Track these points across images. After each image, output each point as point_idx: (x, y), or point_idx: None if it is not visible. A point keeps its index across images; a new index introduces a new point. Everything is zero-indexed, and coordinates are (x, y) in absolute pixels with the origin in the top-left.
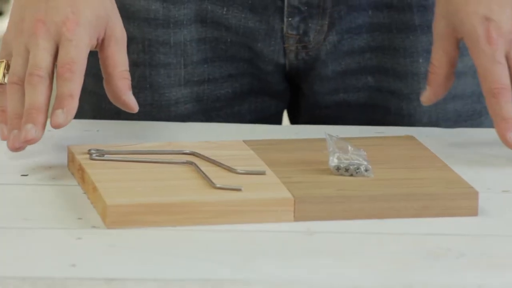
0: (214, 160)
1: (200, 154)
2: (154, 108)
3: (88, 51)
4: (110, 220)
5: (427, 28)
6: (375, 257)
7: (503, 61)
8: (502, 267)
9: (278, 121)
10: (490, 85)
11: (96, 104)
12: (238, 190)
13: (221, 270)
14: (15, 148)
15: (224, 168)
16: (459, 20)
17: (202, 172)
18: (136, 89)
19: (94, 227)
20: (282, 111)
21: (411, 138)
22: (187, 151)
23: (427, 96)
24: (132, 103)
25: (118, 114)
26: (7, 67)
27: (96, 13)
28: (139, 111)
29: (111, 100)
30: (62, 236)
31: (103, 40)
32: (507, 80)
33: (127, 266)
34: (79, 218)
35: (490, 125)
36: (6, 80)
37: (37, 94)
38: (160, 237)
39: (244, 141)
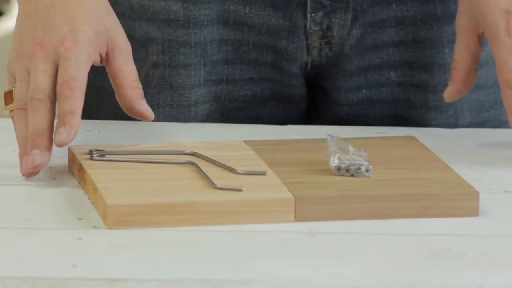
0: (215, 161)
1: (200, 154)
2: (173, 109)
3: (88, 68)
4: (110, 220)
5: (450, 18)
6: (376, 257)
7: None
8: (503, 268)
9: (299, 122)
10: (506, 76)
11: (116, 105)
12: (239, 190)
13: (222, 270)
14: (28, 174)
15: (225, 169)
16: (481, 14)
17: (203, 172)
18: (156, 90)
19: (95, 227)
20: (300, 118)
21: (411, 138)
22: (188, 151)
23: (450, 92)
24: (146, 112)
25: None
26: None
27: (95, 28)
28: (159, 111)
29: (126, 111)
30: (63, 236)
31: (107, 53)
32: None
33: (127, 266)
34: (80, 219)
35: None
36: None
37: (39, 118)
38: (161, 237)
39: (245, 141)
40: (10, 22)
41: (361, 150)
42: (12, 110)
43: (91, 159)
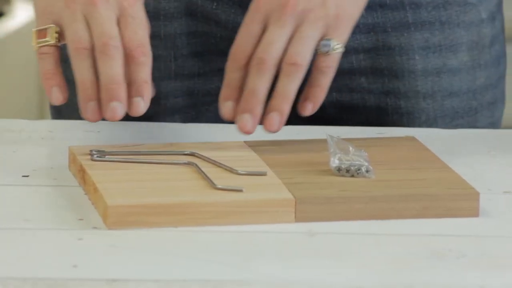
0: (215, 161)
1: (200, 154)
2: None
3: None
4: (111, 221)
5: (421, 25)
6: (376, 257)
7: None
8: (503, 268)
9: None
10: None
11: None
12: (239, 191)
13: (222, 270)
14: (95, 120)
15: (225, 169)
16: None
17: (203, 172)
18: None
19: (95, 227)
20: None
21: (412, 139)
22: (187, 152)
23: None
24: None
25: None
26: (58, 32)
27: None
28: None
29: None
30: (63, 236)
31: None
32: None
33: (128, 266)
34: (80, 219)
35: (485, 121)
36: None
37: (116, 67)
38: (161, 237)
39: (245, 141)
40: (10, 22)
41: (362, 150)
42: (43, 46)
43: (92, 159)
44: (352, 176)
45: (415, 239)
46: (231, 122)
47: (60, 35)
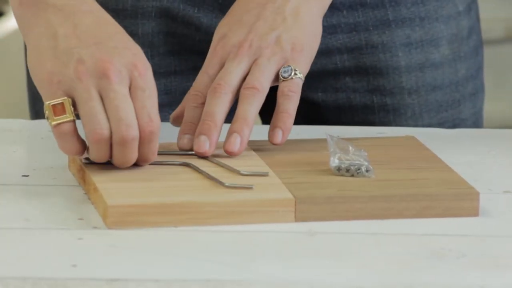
0: (219, 161)
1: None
2: None
3: None
4: (111, 221)
5: (401, 22)
6: (376, 257)
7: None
8: (503, 268)
9: None
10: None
11: None
12: (250, 188)
13: (222, 270)
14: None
15: (228, 169)
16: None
17: (206, 173)
18: None
19: (95, 227)
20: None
21: (412, 138)
22: (191, 153)
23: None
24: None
25: None
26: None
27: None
28: None
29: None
30: (63, 236)
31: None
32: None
33: (128, 266)
34: (80, 219)
35: (468, 112)
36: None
37: (133, 155)
38: (161, 237)
39: None
40: (10, 22)
41: (361, 150)
42: (62, 123)
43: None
44: (352, 175)
45: (415, 239)
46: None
47: (74, 107)
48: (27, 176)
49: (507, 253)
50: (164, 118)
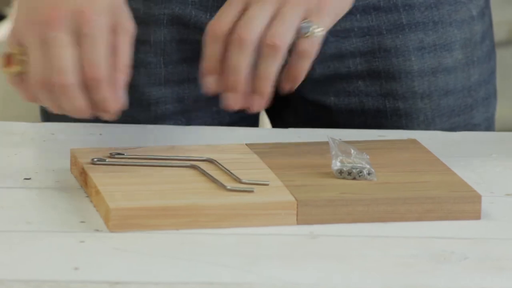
0: (224, 167)
1: (215, 160)
2: (133, 108)
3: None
4: (113, 223)
5: (415, 26)
6: (378, 260)
7: None
8: (506, 270)
9: (255, 120)
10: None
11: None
12: (250, 191)
13: (224, 273)
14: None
15: (229, 175)
16: None
17: (210, 175)
18: None
19: (97, 230)
20: (262, 112)
21: (414, 141)
22: (204, 158)
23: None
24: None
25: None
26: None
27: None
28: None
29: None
30: (65, 239)
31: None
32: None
33: (130, 269)
34: (82, 222)
35: (481, 117)
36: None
37: (79, 101)
38: (163, 240)
39: (247, 144)
40: None
41: (363, 153)
42: (13, 73)
43: (92, 163)
44: (354, 178)
45: (417, 241)
46: (223, 124)
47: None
48: (29, 179)
49: (509, 256)
50: (168, 119)
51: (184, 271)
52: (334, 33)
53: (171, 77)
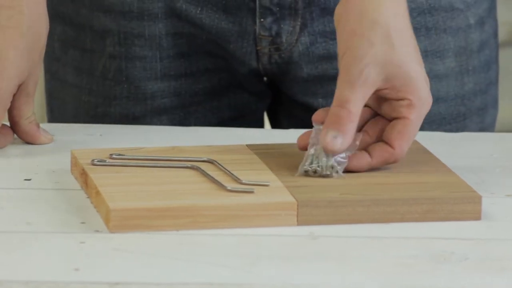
0: (225, 169)
1: (216, 161)
2: (130, 101)
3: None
4: (113, 224)
5: None
6: (379, 261)
7: None
8: (506, 271)
9: (260, 120)
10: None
11: (76, 96)
12: (250, 192)
13: (224, 274)
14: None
15: (229, 176)
16: (403, 79)
17: (210, 176)
18: (113, 82)
19: (97, 231)
20: (263, 110)
21: (414, 142)
22: (205, 159)
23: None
24: (47, 139)
25: (96, 106)
26: None
27: (19, 64)
28: (115, 103)
29: (27, 141)
30: (65, 240)
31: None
32: None
33: (130, 270)
34: (82, 222)
35: (474, 127)
36: None
37: None
38: (163, 240)
39: (247, 145)
40: None
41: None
42: None
43: (93, 163)
44: (321, 176)
45: (417, 242)
46: (223, 120)
47: None
48: (29, 180)
49: (510, 256)
50: (174, 120)
51: (184, 272)
52: (323, 35)
53: (167, 71)
